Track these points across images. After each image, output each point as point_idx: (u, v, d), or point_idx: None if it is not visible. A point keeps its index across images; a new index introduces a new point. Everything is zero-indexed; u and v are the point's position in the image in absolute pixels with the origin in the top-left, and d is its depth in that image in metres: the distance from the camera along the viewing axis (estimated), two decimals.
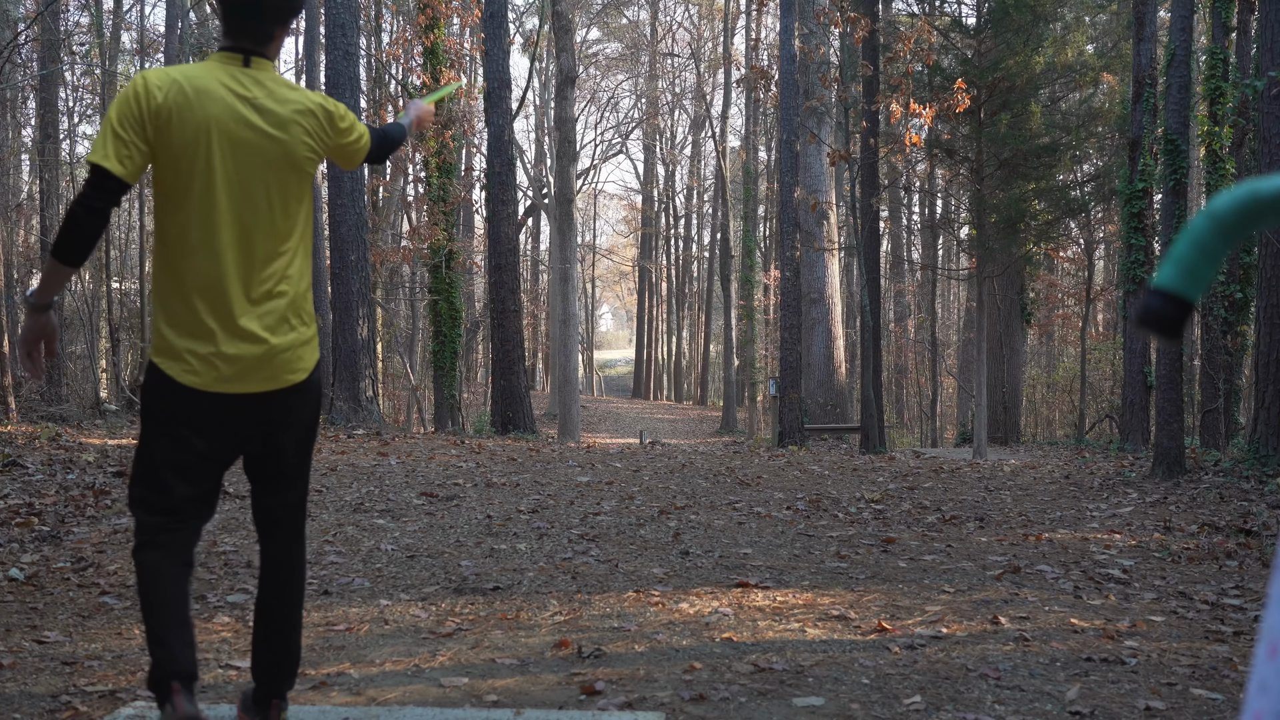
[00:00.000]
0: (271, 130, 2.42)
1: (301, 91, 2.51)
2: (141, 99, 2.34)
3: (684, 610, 3.98)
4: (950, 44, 14.83)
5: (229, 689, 3.02)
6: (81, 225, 2.29)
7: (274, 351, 2.43)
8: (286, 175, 2.45)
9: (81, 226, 2.29)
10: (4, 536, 4.88)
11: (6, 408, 11.90)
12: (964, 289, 30.29)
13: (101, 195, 2.29)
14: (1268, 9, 8.12)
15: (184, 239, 2.39)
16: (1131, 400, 12.71)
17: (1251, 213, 1.39)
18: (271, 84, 2.46)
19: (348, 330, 12.05)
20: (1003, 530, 5.94)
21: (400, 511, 6.02)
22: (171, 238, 2.40)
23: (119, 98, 2.35)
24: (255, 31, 2.43)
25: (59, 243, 2.29)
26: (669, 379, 48.33)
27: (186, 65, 2.44)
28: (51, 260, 2.31)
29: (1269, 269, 7.98)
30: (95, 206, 2.28)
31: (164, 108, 2.34)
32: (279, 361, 2.44)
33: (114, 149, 2.30)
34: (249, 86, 2.42)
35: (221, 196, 2.38)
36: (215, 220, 2.38)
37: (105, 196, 2.29)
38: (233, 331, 2.39)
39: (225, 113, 2.38)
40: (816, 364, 18.66)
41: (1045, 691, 3.06)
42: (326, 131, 2.52)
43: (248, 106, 2.40)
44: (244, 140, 2.39)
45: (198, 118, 2.36)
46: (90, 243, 2.33)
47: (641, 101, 40.45)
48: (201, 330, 2.39)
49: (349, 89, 12.15)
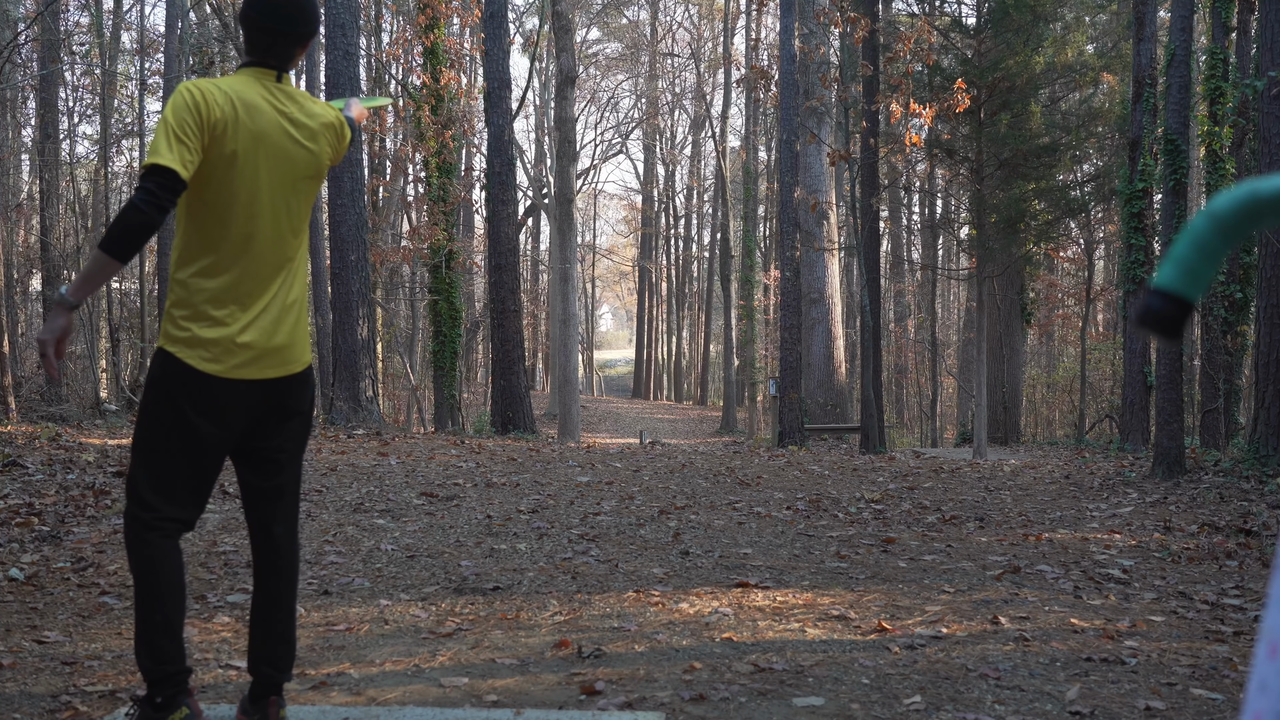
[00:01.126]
0: (306, 143, 2.63)
1: (322, 105, 2.73)
2: (201, 108, 2.47)
3: (684, 610, 3.98)
4: (950, 44, 14.83)
5: (229, 689, 3.02)
6: (144, 224, 2.39)
7: (288, 341, 2.61)
8: (314, 183, 2.68)
9: (143, 226, 2.39)
10: (4, 536, 4.88)
11: (6, 408, 11.90)
12: (964, 289, 30.29)
13: (167, 195, 2.41)
14: (1268, 9, 8.12)
15: (226, 240, 2.54)
16: (1131, 400, 12.71)
17: (1251, 213, 1.39)
18: (300, 99, 2.67)
19: (348, 330, 12.05)
20: (1003, 530, 5.94)
21: (400, 511, 6.02)
22: (213, 239, 2.54)
23: (175, 104, 2.47)
24: (283, 53, 2.60)
25: (116, 239, 2.36)
26: (669, 379, 48.34)
27: (225, 79, 2.58)
28: (103, 256, 2.36)
29: (1269, 269, 7.98)
30: (160, 204, 2.39)
31: (220, 120, 2.49)
32: (288, 351, 2.62)
33: (179, 153, 2.42)
34: (284, 102, 2.62)
35: (265, 203, 2.57)
36: (257, 225, 2.56)
37: (170, 196, 2.41)
38: (258, 323, 2.57)
39: (272, 126, 2.57)
40: (816, 364, 18.66)
41: (1045, 691, 3.06)
42: (340, 141, 2.76)
43: (287, 120, 2.61)
44: (286, 151, 2.59)
45: (250, 130, 2.53)
46: (145, 241, 2.45)
47: (641, 101, 40.46)
48: (230, 322, 2.53)
49: (349, 89, 12.15)
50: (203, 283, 2.53)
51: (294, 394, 2.65)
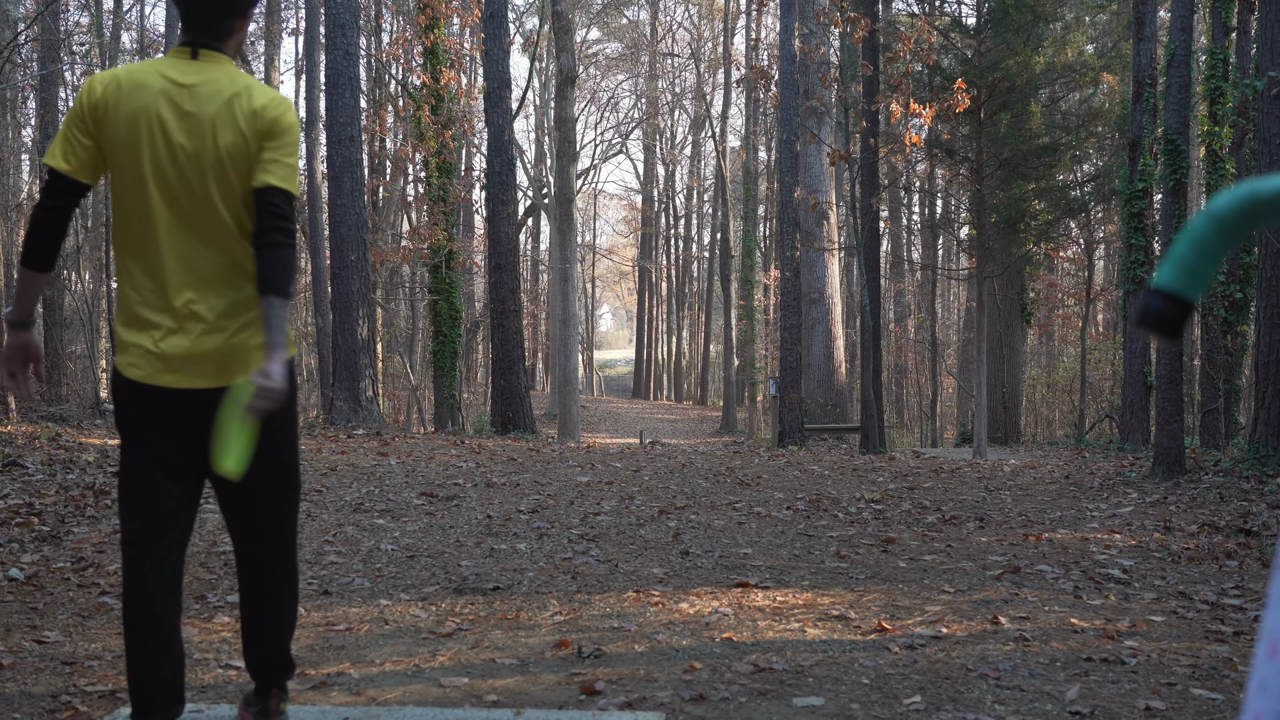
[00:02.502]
0: (199, 122, 2.34)
1: (254, 90, 2.40)
2: (84, 97, 2.35)
3: (684, 610, 3.98)
4: (950, 44, 14.83)
5: (229, 689, 3.02)
6: (40, 227, 2.31)
7: (222, 349, 2.37)
8: (223, 170, 2.36)
9: (40, 228, 2.31)
10: (4, 536, 4.88)
11: (6, 408, 11.90)
12: (964, 289, 30.28)
13: (53, 194, 2.31)
14: (1268, 9, 8.12)
15: (129, 235, 2.37)
16: (1131, 400, 12.71)
17: (1251, 213, 1.39)
18: (217, 74, 2.38)
19: (348, 330, 12.05)
20: (1003, 530, 5.94)
21: (400, 511, 6.02)
22: (120, 232, 2.39)
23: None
24: (202, 22, 2.38)
25: (25, 248, 2.31)
26: (669, 379, 48.34)
27: (136, 63, 2.46)
28: (21, 269, 2.34)
29: (1269, 269, 7.98)
30: (48, 205, 2.30)
31: (101, 102, 2.34)
32: (226, 359, 2.38)
33: (60, 148, 2.32)
34: (188, 77, 2.36)
35: (154, 190, 2.34)
36: (151, 214, 2.35)
37: (57, 195, 2.31)
38: (171, 323, 2.36)
39: (156, 104, 2.34)
40: (816, 364, 18.66)
41: (1045, 691, 3.06)
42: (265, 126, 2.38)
43: (182, 96, 2.35)
44: (172, 132, 2.34)
45: (130, 109, 2.33)
46: (52, 245, 2.34)
47: (641, 101, 40.45)
48: (143, 323, 2.37)
49: (349, 89, 12.15)
50: (125, 282, 2.39)
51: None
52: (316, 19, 17.83)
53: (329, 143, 12.22)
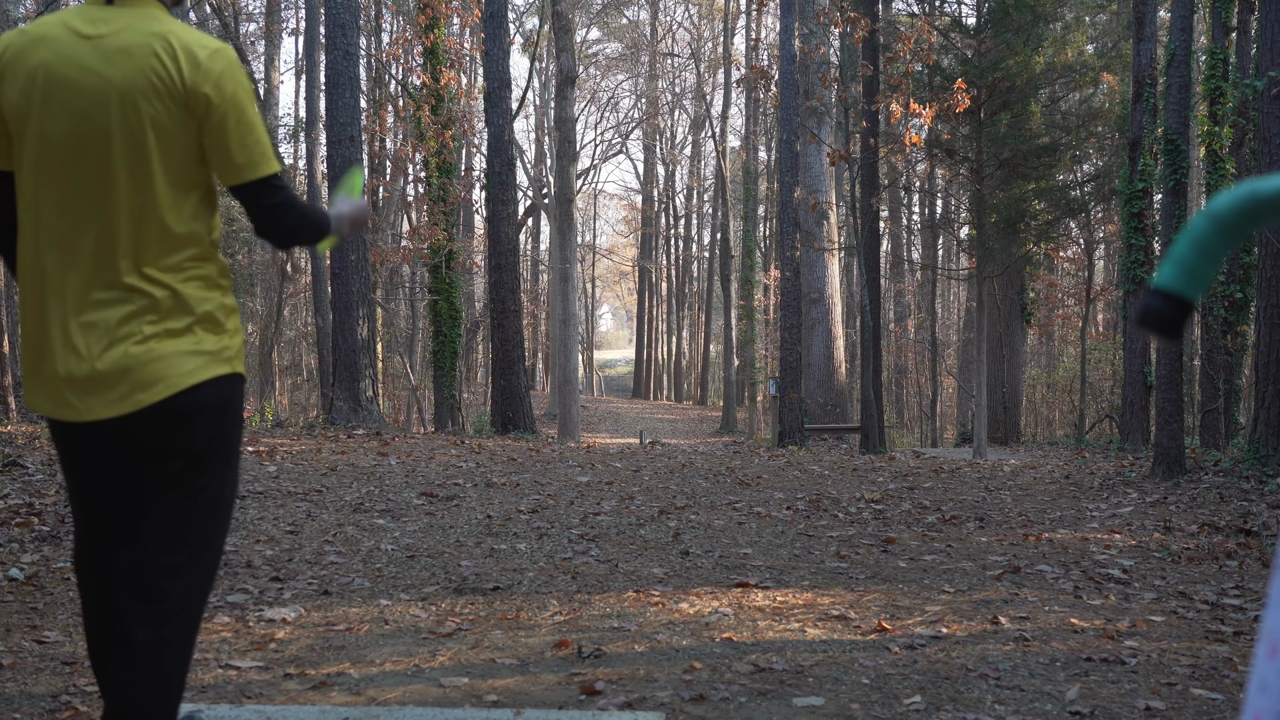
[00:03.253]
0: (103, 69, 1.84)
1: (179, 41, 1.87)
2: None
3: (684, 610, 3.98)
4: (950, 44, 14.83)
5: (229, 689, 3.02)
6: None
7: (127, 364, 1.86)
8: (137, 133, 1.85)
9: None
10: (4, 536, 4.88)
11: (6, 408, 11.90)
12: (964, 289, 30.28)
13: None
14: (1268, 9, 8.12)
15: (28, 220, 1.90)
16: (1131, 400, 12.71)
17: (1251, 213, 1.39)
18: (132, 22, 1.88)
19: (348, 330, 12.05)
20: (1003, 530, 5.94)
21: (400, 511, 6.03)
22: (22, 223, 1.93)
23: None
24: None
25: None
26: (669, 379, 48.35)
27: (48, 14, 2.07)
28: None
29: (1269, 269, 7.98)
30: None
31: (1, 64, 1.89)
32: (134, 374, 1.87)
33: None
34: (99, 24, 1.87)
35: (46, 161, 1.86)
36: (37, 194, 1.87)
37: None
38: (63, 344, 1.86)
39: (56, 56, 1.84)
40: (816, 364, 18.67)
41: (1045, 691, 3.06)
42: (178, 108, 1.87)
43: (87, 46, 1.85)
44: (69, 85, 1.83)
45: (28, 67, 1.85)
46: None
47: (641, 101, 40.46)
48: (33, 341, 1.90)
49: (349, 89, 12.15)
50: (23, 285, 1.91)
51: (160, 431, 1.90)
52: (316, 19, 17.84)
53: (329, 143, 12.23)
